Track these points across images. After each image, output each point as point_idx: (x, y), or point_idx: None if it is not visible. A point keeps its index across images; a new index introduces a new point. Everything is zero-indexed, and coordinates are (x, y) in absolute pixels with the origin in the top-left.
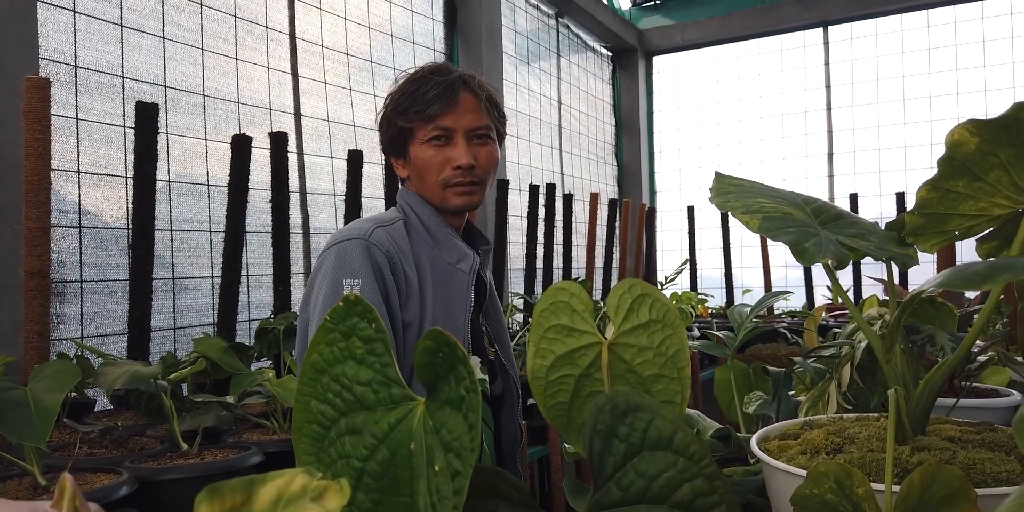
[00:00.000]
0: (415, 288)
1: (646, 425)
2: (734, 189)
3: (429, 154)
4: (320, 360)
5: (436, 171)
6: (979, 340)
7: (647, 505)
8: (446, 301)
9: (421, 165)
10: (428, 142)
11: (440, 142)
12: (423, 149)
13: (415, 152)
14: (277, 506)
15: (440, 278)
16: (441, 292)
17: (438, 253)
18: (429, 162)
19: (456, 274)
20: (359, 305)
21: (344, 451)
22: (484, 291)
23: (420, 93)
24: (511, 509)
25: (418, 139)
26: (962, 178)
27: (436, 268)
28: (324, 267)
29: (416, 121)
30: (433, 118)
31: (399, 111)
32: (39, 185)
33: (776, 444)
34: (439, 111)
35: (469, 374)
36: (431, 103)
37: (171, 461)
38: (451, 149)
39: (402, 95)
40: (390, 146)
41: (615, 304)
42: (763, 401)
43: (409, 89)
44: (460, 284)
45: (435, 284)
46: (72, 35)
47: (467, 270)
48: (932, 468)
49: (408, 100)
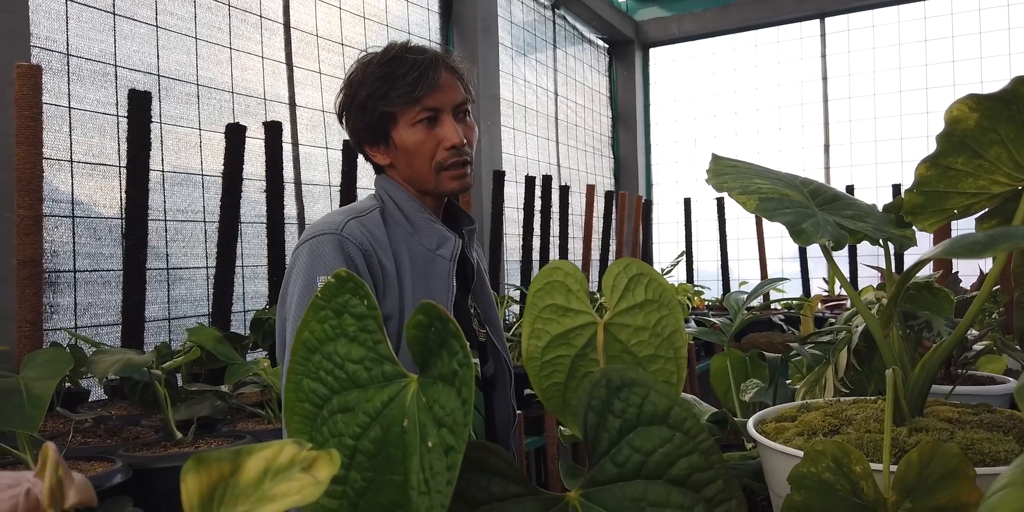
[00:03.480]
0: (393, 279)
1: (641, 400)
2: (731, 170)
3: (419, 138)
4: (311, 338)
5: (428, 154)
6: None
7: (643, 481)
8: (426, 290)
9: (411, 149)
10: (416, 125)
11: (428, 124)
12: (411, 133)
13: (401, 137)
14: (265, 477)
15: (419, 266)
16: (421, 281)
17: (417, 240)
18: (420, 146)
19: (436, 261)
20: (350, 281)
21: (337, 429)
22: (471, 272)
23: (399, 75)
24: (504, 483)
25: (403, 123)
26: (961, 155)
27: (415, 256)
28: (297, 264)
29: (400, 104)
30: (419, 99)
31: (378, 95)
32: (31, 173)
33: (773, 426)
34: (425, 92)
35: (462, 348)
36: (415, 84)
37: (165, 450)
38: (440, 129)
39: (378, 79)
40: (367, 134)
41: (611, 284)
42: (759, 388)
43: (383, 72)
44: (441, 271)
45: (414, 273)
46: (64, 23)
47: (447, 256)
48: (931, 446)
49: (386, 84)
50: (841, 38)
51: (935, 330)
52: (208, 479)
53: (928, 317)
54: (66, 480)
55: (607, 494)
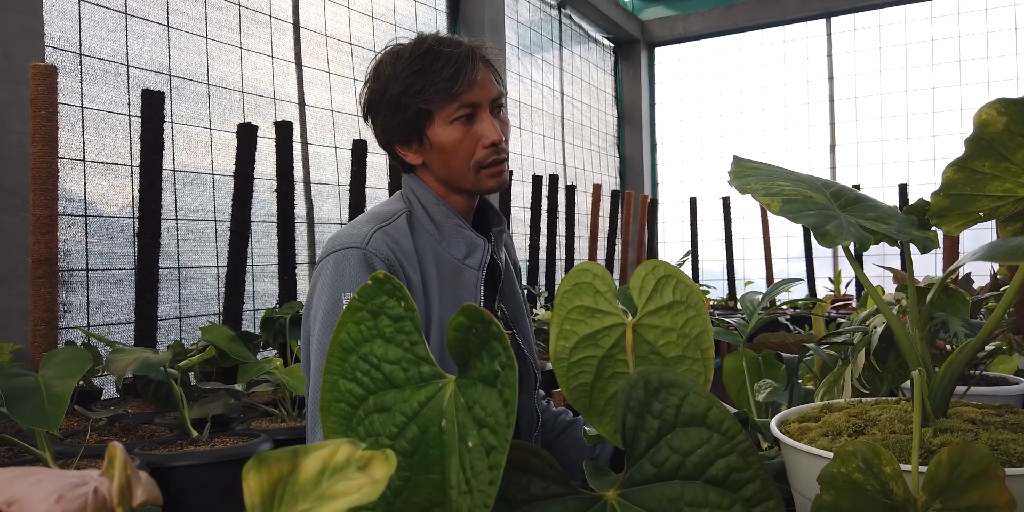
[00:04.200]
0: (419, 293)
1: (680, 401)
2: (753, 172)
3: (457, 136)
4: (348, 339)
5: (467, 153)
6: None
7: (681, 481)
8: (454, 301)
9: (448, 148)
10: (453, 122)
11: (465, 121)
12: (448, 130)
13: (438, 135)
14: (323, 476)
15: (447, 277)
16: (448, 292)
17: (445, 248)
18: (459, 144)
19: (464, 271)
20: (388, 283)
21: (373, 429)
22: (499, 273)
23: (436, 69)
24: (544, 484)
25: (439, 120)
26: (989, 158)
27: (442, 266)
28: (322, 279)
29: (436, 101)
30: (457, 96)
31: (413, 92)
32: (46, 173)
33: (796, 427)
34: (464, 88)
35: (505, 350)
36: (454, 80)
37: (182, 448)
38: (478, 126)
39: (412, 74)
40: (398, 132)
41: (638, 285)
42: (773, 388)
43: (417, 67)
44: (469, 282)
45: (441, 283)
46: (77, 23)
47: (476, 266)
48: (961, 447)
49: (421, 79)
50: (847, 37)
51: (951, 331)
52: (269, 478)
53: (944, 318)
54: (134, 479)
55: (645, 494)
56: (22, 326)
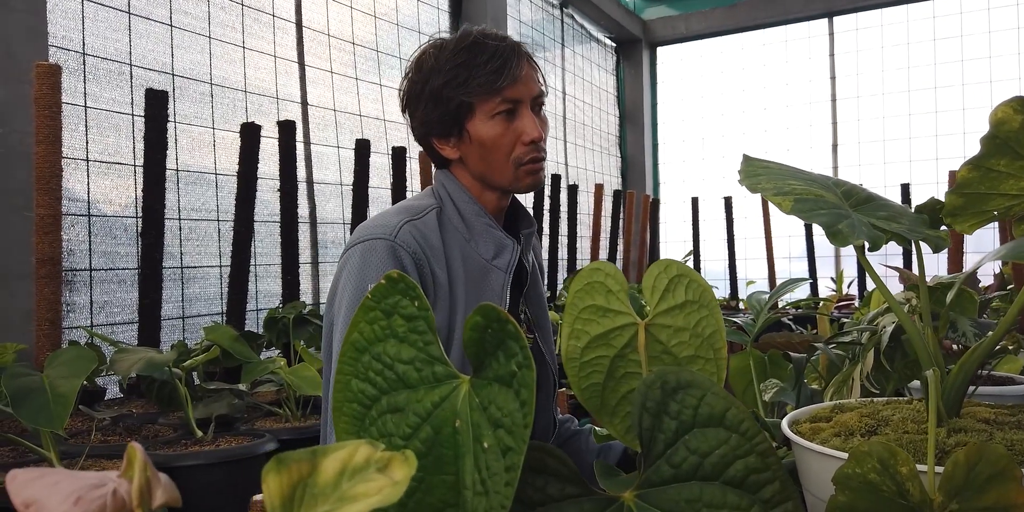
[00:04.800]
0: (444, 290)
1: (697, 401)
2: (763, 171)
3: (498, 131)
4: (361, 339)
5: (507, 149)
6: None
7: (699, 482)
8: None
9: (488, 143)
10: (495, 117)
11: (507, 116)
12: (490, 125)
13: (478, 129)
14: (342, 477)
15: (473, 277)
16: (474, 292)
17: (473, 247)
18: (499, 139)
19: (491, 272)
20: (401, 282)
21: (386, 430)
22: (525, 276)
23: (480, 63)
24: (560, 485)
25: (481, 114)
26: (1004, 157)
27: (469, 266)
28: (348, 268)
29: (479, 94)
30: (500, 90)
31: (456, 84)
32: (50, 172)
33: (807, 427)
34: (508, 82)
35: (522, 349)
36: (499, 73)
37: (187, 448)
38: (519, 122)
39: (456, 66)
40: (438, 125)
41: (651, 284)
42: (780, 388)
43: (462, 59)
44: (495, 283)
45: (467, 283)
46: (80, 22)
47: (504, 267)
48: (978, 447)
49: (465, 71)
50: (849, 37)
51: (960, 330)
52: (288, 479)
53: (952, 317)
54: (154, 480)
55: (662, 495)
56: (26, 326)
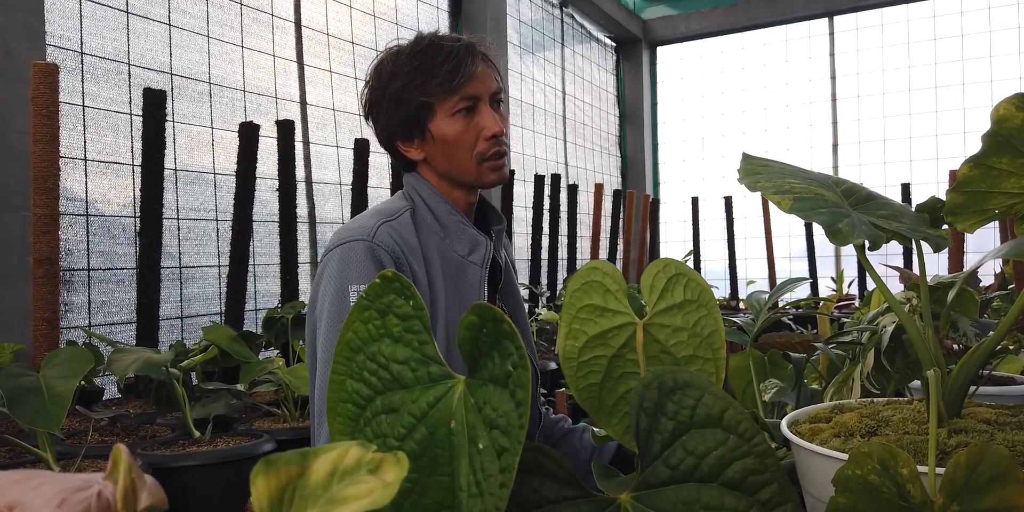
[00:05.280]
0: (424, 288)
1: (695, 402)
2: (763, 170)
3: (459, 128)
4: (355, 338)
5: (470, 145)
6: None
7: (696, 483)
8: (458, 298)
9: (452, 140)
10: (455, 115)
11: (466, 113)
12: (450, 123)
13: (440, 128)
14: (333, 479)
15: (451, 273)
16: (453, 288)
17: (448, 245)
18: (461, 136)
19: (468, 268)
20: (396, 282)
21: (381, 430)
22: (499, 273)
23: (436, 63)
24: (556, 486)
25: (441, 113)
26: (1005, 154)
27: (447, 263)
28: (328, 271)
29: (438, 94)
30: (458, 88)
31: (415, 86)
32: (48, 172)
33: (807, 427)
34: (465, 80)
35: (517, 349)
36: (455, 72)
37: (184, 448)
38: (479, 118)
39: (413, 69)
40: (401, 128)
41: (649, 284)
42: (780, 388)
43: (418, 62)
44: (473, 278)
45: (446, 280)
46: (78, 21)
47: (479, 262)
48: (979, 448)
49: (423, 73)
50: (850, 36)
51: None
52: (277, 481)
53: (953, 317)
54: (139, 482)
55: (659, 497)
56: (24, 326)
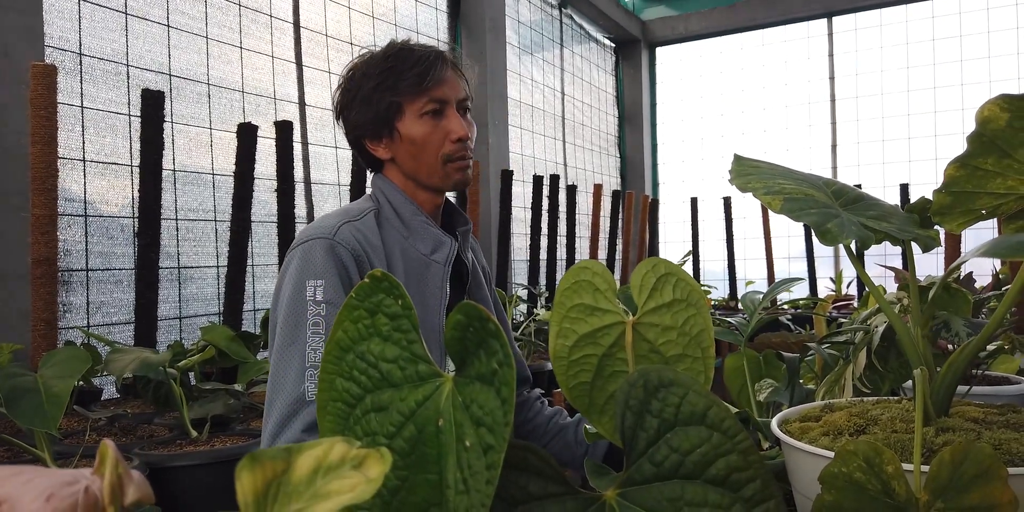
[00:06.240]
0: None
1: (679, 400)
2: (754, 171)
3: (427, 129)
4: (345, 337)
5: (436, 146)
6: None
7: (680, 480)
8: (420, 295)
9: (419, 141)
10: (423, 116)
11: (434, 116)
12: (419, 124)
13: (408, 128)
14: (317, 475)
15: (413, 271)
16: (415, 286)
17: (412, 244)
18: (428, 137)
19: (431, 266)
20: (385, 281)
21: (370, 429)
22: (466, 274)
23: (407, 67)
24: (543, 483)
25: (410, 114)
26: (991, 155)
27: (409, 261)
28: (289, 269)
29: (407, 95)
30: (427, 90)
31: (385, 87)
32: (46, 172)
33: (797, 426)
34: (433, 83)
35: (502, 347)
36: (423, 75)
37: (181, 448)
38: (446, 121)
39: (384, 71)
40: (370, 127)
41: (639, 283)
42: (774, 388)
43: (389, 64)
44: (435, 276)
45: (408, 278)
46: (77, 22)
47: (442, 261)
48: (963, 446)
49: (393, 74)
50: (849, 37)
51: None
52: (263, 477)
53: (946, 317)
54: (126, 477)
55: (644, 494)
56: (22, 326)
